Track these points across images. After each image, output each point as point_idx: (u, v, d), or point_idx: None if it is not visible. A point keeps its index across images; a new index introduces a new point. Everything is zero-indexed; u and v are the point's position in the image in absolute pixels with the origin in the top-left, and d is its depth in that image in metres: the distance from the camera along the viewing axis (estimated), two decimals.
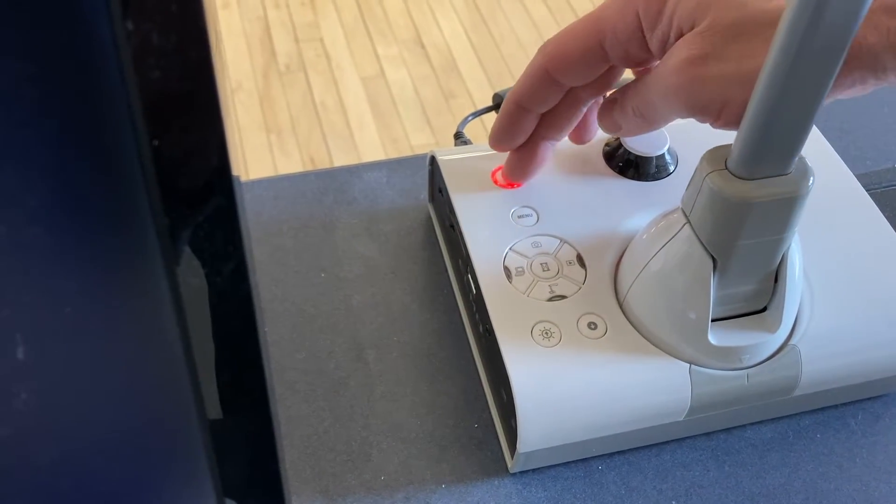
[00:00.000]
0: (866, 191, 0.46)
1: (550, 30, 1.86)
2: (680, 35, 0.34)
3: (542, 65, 0.38)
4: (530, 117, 0.41)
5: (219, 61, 0.18)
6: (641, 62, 0.37)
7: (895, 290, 0.42)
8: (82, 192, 0.18)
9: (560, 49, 0.38)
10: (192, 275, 0.19)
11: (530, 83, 0.39)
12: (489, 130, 0.43)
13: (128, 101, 0.17)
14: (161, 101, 0.17)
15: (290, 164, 1.59)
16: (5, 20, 0.16)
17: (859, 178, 0.47)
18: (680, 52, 0.34)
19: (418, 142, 1.62)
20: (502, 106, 0.41)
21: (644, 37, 0.36)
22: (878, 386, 0.42)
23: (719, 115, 0.34)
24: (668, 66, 0.34)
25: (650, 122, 0.38)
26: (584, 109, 0.41)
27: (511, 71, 1.76)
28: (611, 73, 0.38)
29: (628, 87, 0.38)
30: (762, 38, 0.32)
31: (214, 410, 0.22)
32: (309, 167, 1.58)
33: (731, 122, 0.33)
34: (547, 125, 0.41)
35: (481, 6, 1.91)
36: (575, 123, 0.42)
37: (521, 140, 0.42)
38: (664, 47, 0.35)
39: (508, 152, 0.43)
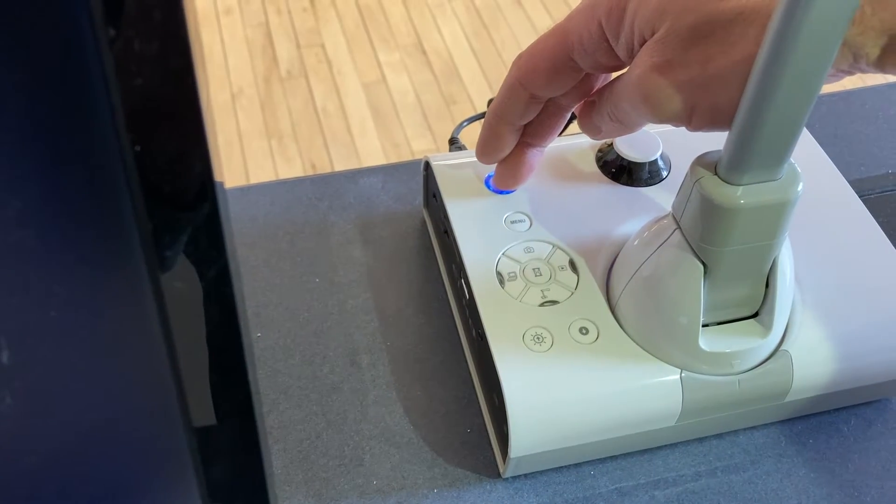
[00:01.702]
0: (860, 197, 0.46)
1: None
2: (643, 42, 0.34)
3: (516, 79, 0.38)
4: (512, 129, 0.41)
5: (200, 68, 0.18)
6: (614, 68, 0.37)
7: (887, 296, 0.42)
8: (65, 196, 0.18)
9: (531, 64, 0.38)
10: (176, 278, 0.20)
11: (508, 98, 0.39)
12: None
13: (110, 107, 0.18)
14: (143, 107, 0.18)
15: (292, 170, 1.59)
16: None
17: (853, 183, 0.47)
18: (643, 60, 0.33)
19: (419, 147, 1.63)
20: (484, 120, 0.42)
21: (610, 45, 0.35)
22: (869, 391, 0.42)
23: (689, 119, 0.34)
24: (633, 76, 0.34)
25: (627, 126, 0.38)
26: (568, 116, 0.41)
27: None
28: (588, 79, 0.38)
29: (602, 91, 0.38)
30: (721, 39, 0.31)
31: (199, 414, 0.22)
32: (310, 172, 1.58)
33: (704, 125, 0.34)
34: (531, 134, 0.41)
35: (482, 12, 1.92)
36: (559, 130, 0.42)
37: (506, 152, 0.42)
38: (631, 54, 0.35)
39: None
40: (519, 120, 0.40)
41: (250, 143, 1.63)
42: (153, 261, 0.19)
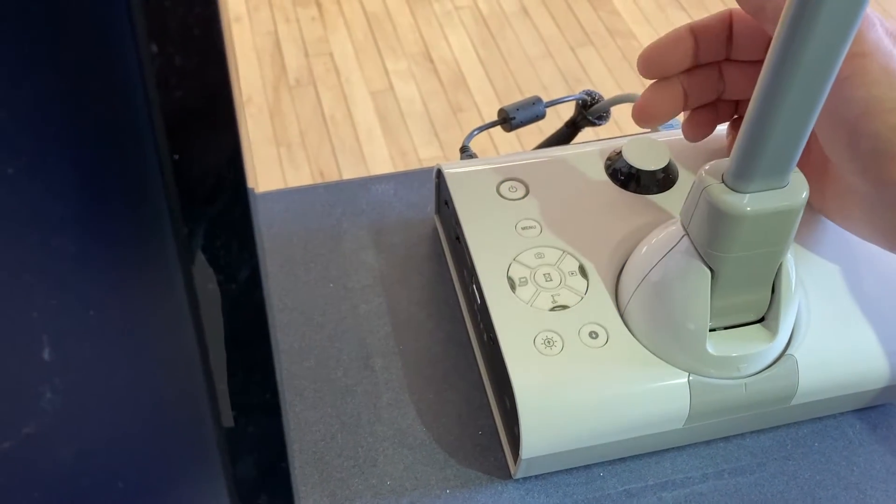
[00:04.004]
0: None
1: (558, 45, 1.88)
2: None
3: (728, 10, 0.42)
4: (690, 46, 0.42)
5: (235, 81, 0.19)
6: None
7: (892, 301, 0.43)
8: (107, 202, 0.19)
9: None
10: (209, 281, 0.21)
11: (711, 18, 0.42)
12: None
13: (150, 118, 0.19)
14: (182, 119, 0.19)
15: (300, 177, 1.61)
16: (39, 40, 0.18)
17: None
18: None
19: (427, 155, 1.64)
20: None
21: None
22: (874, 396, 0.43)
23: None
24: None
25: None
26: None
27: (519, 86, 1.77)
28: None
29: None
30: None
31: (228, 414, 0.23)
32: (318, 180, 1.60)
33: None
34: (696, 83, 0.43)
35: (490, 21, 1.93)
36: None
37: (671, 65, 0.43)
38: None
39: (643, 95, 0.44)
40: (705, 38, 0.42)
41: (259, 151, 1.65)
42: (188, 263, 0.20)
